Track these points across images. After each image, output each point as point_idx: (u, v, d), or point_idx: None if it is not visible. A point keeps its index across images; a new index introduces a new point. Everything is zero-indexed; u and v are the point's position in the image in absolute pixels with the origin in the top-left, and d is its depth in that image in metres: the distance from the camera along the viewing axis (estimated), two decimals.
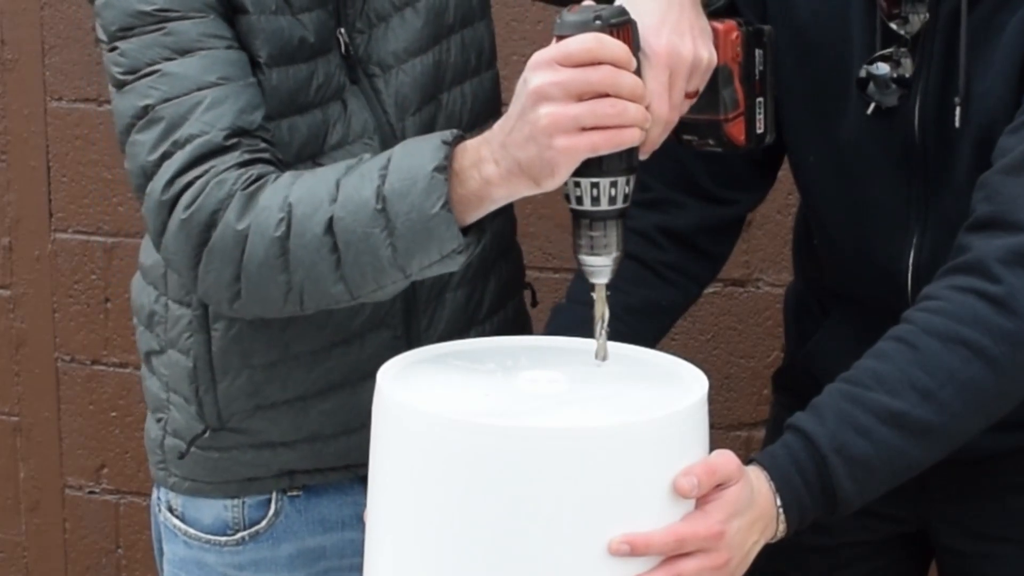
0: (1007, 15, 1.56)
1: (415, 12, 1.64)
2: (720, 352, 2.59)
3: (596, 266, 1.42)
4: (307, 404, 1.67)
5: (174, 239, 1.49)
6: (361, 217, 1.42)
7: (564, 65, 1.33)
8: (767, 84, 1.59)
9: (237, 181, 1.47)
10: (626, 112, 1.34)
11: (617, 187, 1.39)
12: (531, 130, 1.34)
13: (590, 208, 1.40)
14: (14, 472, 3.05)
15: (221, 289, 1.49)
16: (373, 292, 1.46)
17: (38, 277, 2.94)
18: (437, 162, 1.39)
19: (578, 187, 1.39)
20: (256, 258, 1.46)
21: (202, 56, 1.51)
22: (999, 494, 1.76)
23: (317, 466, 1.71)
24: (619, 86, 1.34)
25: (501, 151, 1.38)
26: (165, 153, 1.49)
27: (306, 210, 1.44)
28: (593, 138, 1.34)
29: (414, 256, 1.42)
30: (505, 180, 1.38)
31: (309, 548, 1.73)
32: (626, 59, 1.35)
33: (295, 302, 1.48)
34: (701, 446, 1.36)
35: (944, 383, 1.43)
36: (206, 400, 1.68)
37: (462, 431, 1.29)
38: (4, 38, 2.87)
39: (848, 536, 1.80)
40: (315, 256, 1.44)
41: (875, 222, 1.68)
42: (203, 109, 1.49)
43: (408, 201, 1.40)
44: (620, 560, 1.28)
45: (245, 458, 1.70)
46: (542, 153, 1.34)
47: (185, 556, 1.75)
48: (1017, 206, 1.47)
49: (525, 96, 1.35)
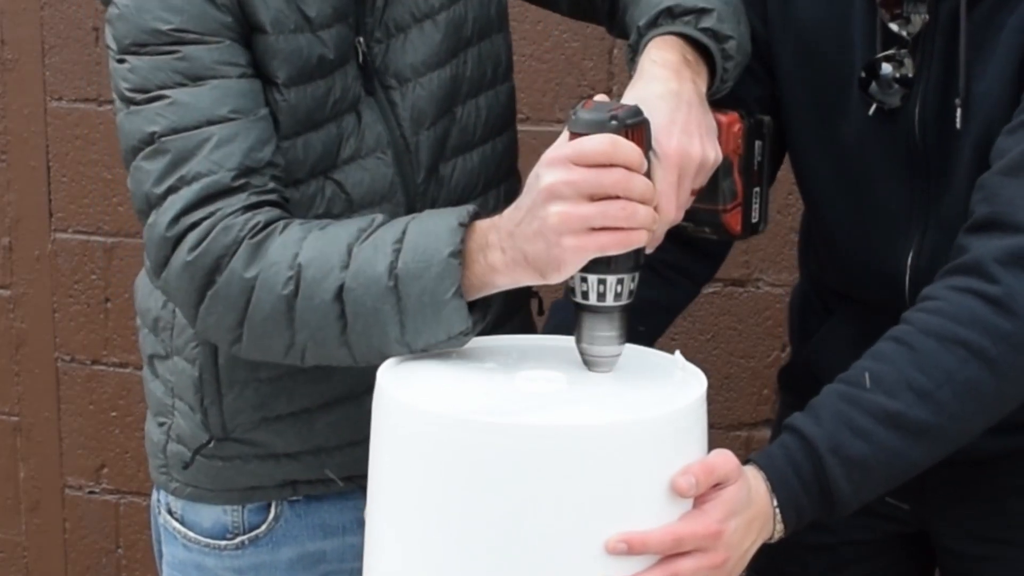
0: (1006, 15, 1.56)
1: (435, 25, 1.62)
2: (720, 352, 2.59)
3: (599, 357, 1.42)
4: (312, 417, 1.67)
5: (177, 278, 1.49)
6: (372, 291, 1.42)
7: (578, 164, 1.34)
8: (764, 174, 1.61)
9: (244, 227, 1.46)
10: (636, 215, 1.35)
11: (623, 284, 1.40)
12: (540, 226, 1.35)
13: (595, 303, 1.40)
14: (14, 472, 3.05)
15: (222, 332, 1.50)
16: (374, 359, 1.46)
17: (38, 277, 2.94)
18: (453, 247, 1.40)
19: (585, 283, 1.40)
20: (262, 312, 1.46)
21: (213, 87, 1.49)
22: (1000, 496, 1.76)
23: (320, 477, 1.70)
24: (631, 189, 1.35)
25: (508, 240, 1.38)
26: (171, 187, 1.48)
27: (316, 274, 1.44)
28: (602, 239, 1.35)
29: (421, 335, 1.42)
30: (510, 269, 1.39)
31: (309, 553, 1.73)
32: (639, 163, 1.35)
33: (296, 357, 1.49)
34: (699, 445, 1.36)
35: (942, 383, 1.43)
36: (211, 411, 1.67)
37: (460, 429, 1.29)
38: (4, 38, 2.87)
39: (850, 536, 1.80)
40: (322, 321, 1.44)
41: (876, 223, 1.68)
42: (211, 147, 1.48)
43: (421, 284, 1.40)
44: (617, 559, 1.28)
45: (248, 468, 1.70)
46: (550, 250, 1.35)
47: (184, 559, 1.75)
48: (1015, 207, 1.46)
49: (537, 192, 1.35)
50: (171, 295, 1.54)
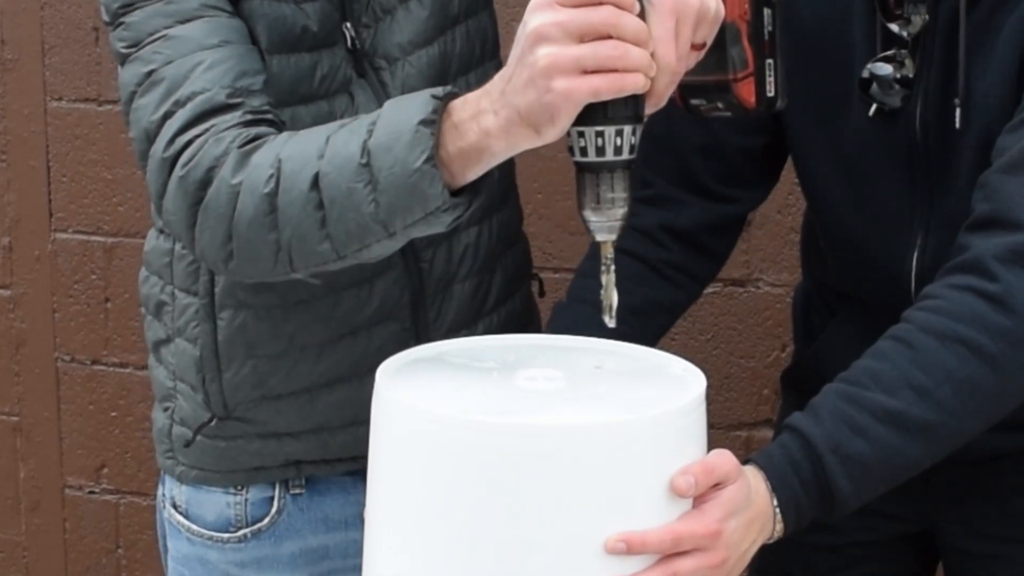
0: (1005, 15, 1.56)
1: (420, 4, 1.63)
2: (720, 352, 2.59)
3: (601, 222, 1.36)
4: (313, 396, 1.67)
5: (172, 198, 1.47)
6: (346, 172, 1.38)
7: (564, 5, 1.27)
8: (777, 45, 1.51)
9: (235, 139, 1.44)
10: (629, 55, 1.27)
11: (623, 136, 1.32)
12: (530, 73, 1.28)
13: (595, 159, 1.32)
14: (14, 472, 3.05)
15: (215, 249, 1.47)
16: (358, 251, 1.42)
17: (38, 277, 2.94)
18: (424, 115, 1.34)
19: (582, 137, 1.31)
20: (246, 216, 1.42)
21: (205, 21, 1.51)
22: (1004, 495, 1.76)
23: (324, 457, 1.71)
24: (622, 28, 1.27)
25: (500, 100, 1.32)
26: (167, 113, 1.48)
27: (295, 166, 1.40)
28: (594, 81, 1.27)
29: (397, 212, 1.37)
30: (504, 130, 1.32)
31: (312, 548, 1.73)
32: (629, 0, 1.28)
33: (285, 262, 1.44)
34: (699, 445, 1.36)
35: (941, 382, 1.42)
36: (212, 389, 1.68)
37: (459, 429, 1.29)
38: (4, 38, 2.87)
39: (854, 536, 1.80)
40: (301, 213, 1.40)
41: (878, 223, 1.68)
42: (204, 68, 1.48)
43: (392, 155, 1.35)
44: (616, 558, 1.28)
45: (251, 447, 1.70)
46: (541, 97, 1.27)
47: (188, 553, 1.75)
48: (1015, 205, 1.47)
49: (524, 38, 1.29)
50: (170, 223, 1.51)
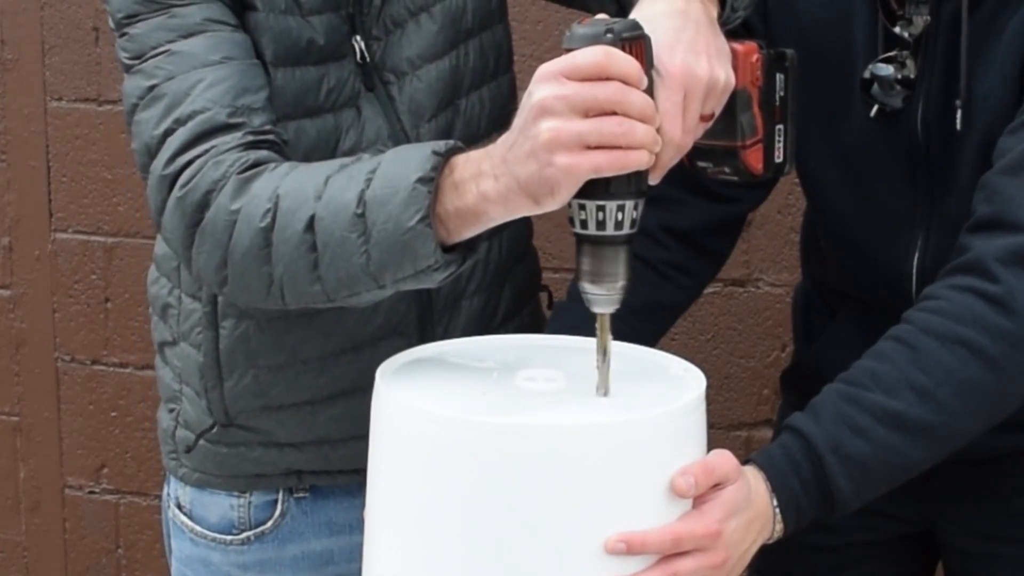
0: (1007, 17, 1.56)
1: (430, 17, 1.61)
2: (720, 352, 2.59)
3: (599, 295, 1.35)
4: (315, 409, 1.67)
5: (170, 217, 1.47)
6: (340, 220, 1.37)
7: (571, 78, 1.25)
8: (788, 111, 1.51)
9: (235, 163, 1.44)
10: (633, 132, 1.26)
11: (624, 211, 1.31)
12: (532, 145, 1.27)
13: (595, 232, 1.31)
14: (14, 472, 3.05)
15: (211, 272, 1.47)
16: (348, 297, 1.42)
17: (38, 277, 2.94)
18: (422, 173, 1.33)
19: (583, 210, 1.31)
20: (241, 246, 1.42)
21: (207, 36, 1.50)
22: (1005, 495, 1.76)
23: (325, 468, 1.70)
24: (627, 104, 1.26)
25: (501, 166, 1.31)
26: (167, 130, 1.48)
27: (291, 205, 1.40)
28: (596, 158, 1.26)
29: (387, 267, 1.36)
30: (503, 197, 1.31)
31: (315, 551, 1.73)
32: (637, 76, 1.26)
33: (277, 296, 1.44)
34: (699, 445, 1.36)
35: (942, 382, 1.43)
36: (213, 396, 1.68)
37: (458, 429, 1.29)
38: (4, 38, 2.87)
39: (854, 536, 1.80)
40: (295, 252, 1.40)
41: (880, 224, 1.68)
42: (205, 86, 1.47)
43: (386, 210, 1.34)
44: (616, 559, 1.28)
45: (252, 455, 1.70)
46: (542, 171, 1.26)
47: (191, 554, 1.75)
48: (1016, 206, 1.47)
49: (528, 109, 1.27)
50: (168, 240, 1.51)
